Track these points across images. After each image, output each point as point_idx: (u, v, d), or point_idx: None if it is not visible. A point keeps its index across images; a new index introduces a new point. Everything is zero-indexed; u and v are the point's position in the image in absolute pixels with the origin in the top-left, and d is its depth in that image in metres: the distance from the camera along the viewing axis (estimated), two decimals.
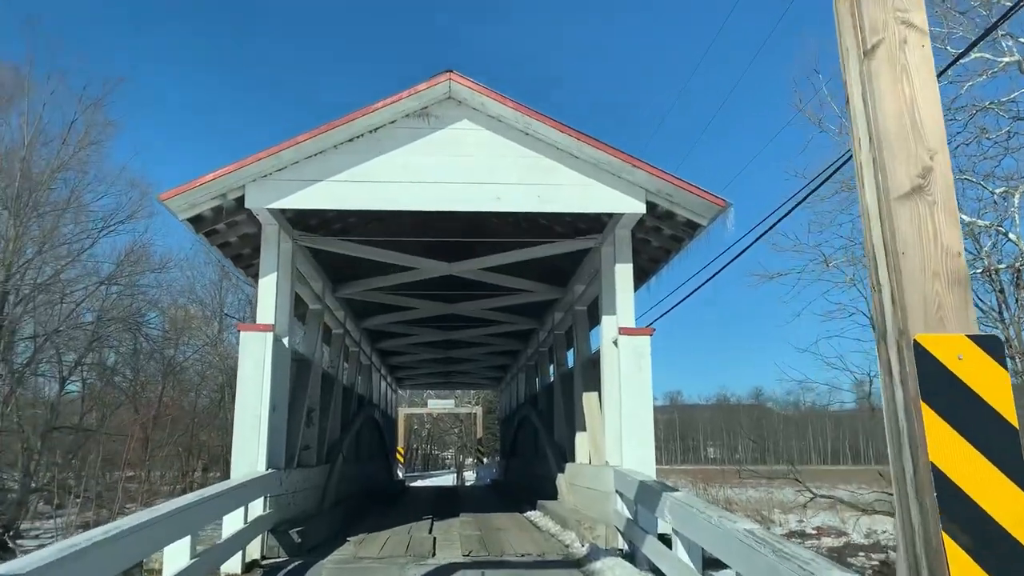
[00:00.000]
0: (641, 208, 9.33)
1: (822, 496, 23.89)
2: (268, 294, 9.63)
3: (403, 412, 41.86)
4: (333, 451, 14.45)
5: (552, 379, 16.14)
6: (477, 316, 17.26)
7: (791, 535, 25.09)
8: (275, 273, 9.68)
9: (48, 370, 29.35)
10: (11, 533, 20.95)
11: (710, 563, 6.61)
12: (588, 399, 12.08)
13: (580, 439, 12.95)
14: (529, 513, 14.58)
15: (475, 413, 44.45)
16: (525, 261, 13.94)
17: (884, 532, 24.76)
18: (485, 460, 44.03)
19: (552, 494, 15.02)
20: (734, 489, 33.30)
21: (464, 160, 9.23)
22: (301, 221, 10.88)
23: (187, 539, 6.18)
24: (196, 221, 9.43)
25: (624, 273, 9.99)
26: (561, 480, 13.76)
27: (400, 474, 35.32)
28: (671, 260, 11.13)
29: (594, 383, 12.20)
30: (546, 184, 9.26)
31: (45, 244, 26.87)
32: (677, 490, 7.28)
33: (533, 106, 9.08)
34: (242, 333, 9.46)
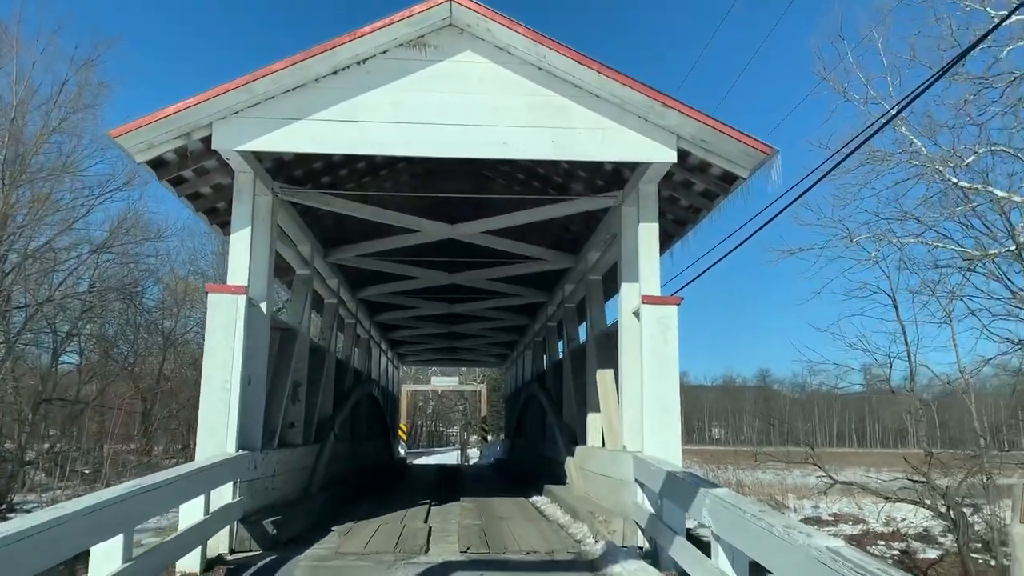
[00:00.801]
0: (671, 156, 8.05)
1: (843, 483, 22.76)
2: (241, 252, 8.43)
3: (406, 389, 40.92)
4: (323, 429, 13.34)
5: (562, 356, 14.95)
6: (482, 287, 16.04)
7: (807, 521, 23.99)
8: (249, 227, 8.46)
9: (43, 340, 28.50)
10: (2, 506, 20.16)
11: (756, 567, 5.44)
12: (602, 377, 10.89)
13: (592, 420, 11.78)
14: (535, 499, 13.47)
15: (480, 391, 43.45)
16: (535, 224, 12.69)
17: (903, 520, 23.62)
18: (489, 439, 43.11)
19: (560, 478, 13.90)
20: (741, 471, 32.27)
21: (466, 98, 7.95)
22: (283, 171, 9.65)
23: (118, 538, 5.03)
24: (158, 166, 8.21)
25: (649, 233, 8.73)
26: (570, 464, 12.62)
27: (402, 452, 34.38)
28: (700, 221, 9.86)
29: (609, 360, 11.01)
30: (561, 127, 7.98)
31: (37, 210, 25.79)
32: (717, 485, 6.09)
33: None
34: (210, 295, 8.26)
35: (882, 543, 21.54)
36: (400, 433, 35.98)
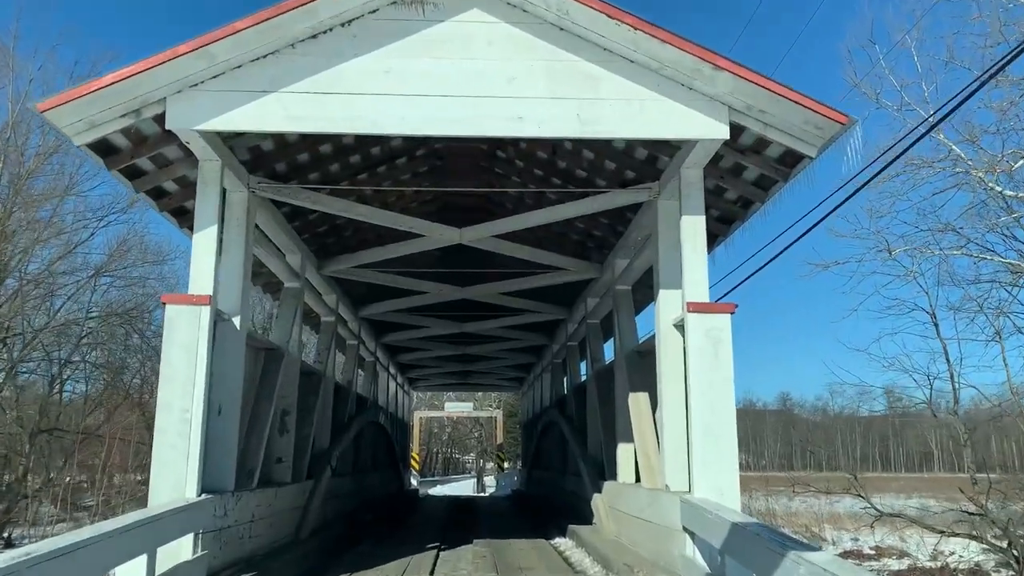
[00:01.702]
0: (722, 132, 6.62)
1: (891, 515, 20.90)
2: (205, 255, 7.05)
3: (419, 415, 39.39)
4: (319, 463, 11.87)
5: (585, 378, 13.43)
6: (495, 302, 14.61)
7: (848, 555, 22.10)
8: (215, 226, 7.08)
9: (43, 368, 27.44)
10: None
11: None
12: (636, 402, 9.39)
13: (624, 452, 10.25)
14: (558, 541, 11.89)
15: (495, 417, 41.81)
16: (554, 230, 11.31)
17: (951, 553, 21.68)
18: (506, 466, 41.37)
19: (585, 516, 12.33)
20: (771, 499, 30.44)
21: (473, 65, 6.58)
22: (262, 166, 8.31)
23: None
24: (106, 152, 6.88)
25: (694, 228, 7.27)
26: (598, 501, 11.06)
27: (414, 482, 32.76)
28: (750, 217, 8.41)
29: (643, 382, 9.51)
30: (588, 99, 6.58)
31: (36, 233, 24.77)
32: (812, 546, 4.57)
33: None
34: (167, 307, 6.86)
35: None
36: (412, 463, 34.39)
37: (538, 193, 10.42)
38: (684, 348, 7.36)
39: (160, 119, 6.49)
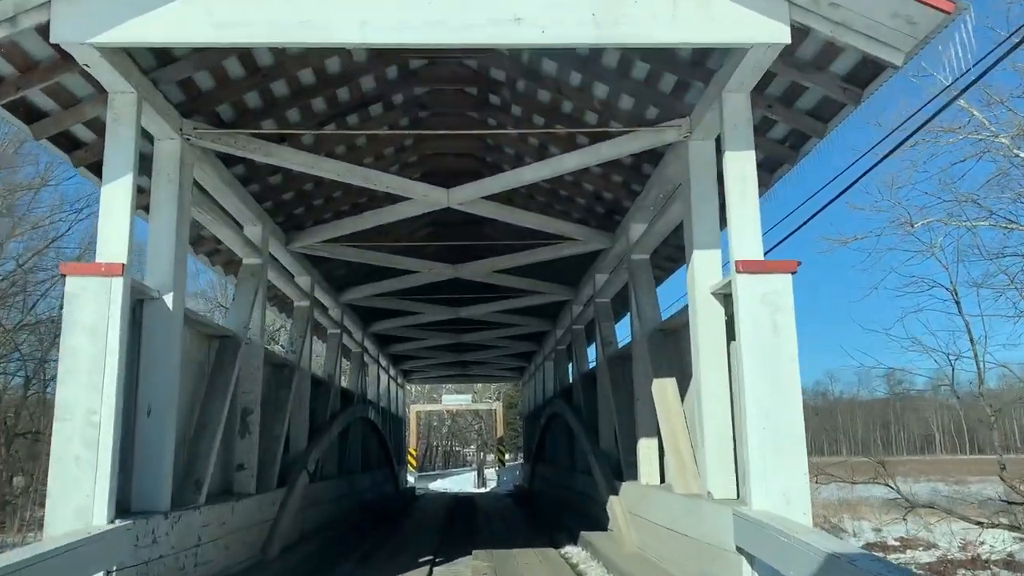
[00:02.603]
0: (782, 35, 5.06)
1: (924, 507, 19.45)
2: (117, 212, 5.48)
3: (415, 409, 37.91)
4: (294, 467, 10.36)
5: (595, 364, 11.90)
6: (491, 283, 13.08)
7: (871, 547, 20.65)
8: (130, 176, 5.52)
9: (15, 368, 25.94)
10: None
11: None
12: (661, 390, 7.86)
13: (646, 449, 8.74)
14: (568, 550, 10.41)
15: (495, 409, 40.33)
16: (559, 191, 9.76)
17: (982, 543, 20.24)
18: (507, 457, 39.93)
19: (598, 521, 10.87)
20: None
21: None
22: (201, 107, 6.73)
23: None
24: None
25: (741, 169, 5.71)
26: (614, 505, 9.57)
27: (411, 479, 31.29)
28: (802, 159, 6.88)
29: (669, 365, 8.01)
30: None
31: (10, 228, 23.19)
32: None
33: None
34: (67, 280, 5.30)
35: (965, 572, 18.25)
36: (409, 459, 32.91)
37: (539, 148, 8.87)
38: (731, 321, 5.87)
39: (45, 30, 4.93)
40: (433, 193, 8.35)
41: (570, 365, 14.95)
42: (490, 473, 43.43)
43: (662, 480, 8.66)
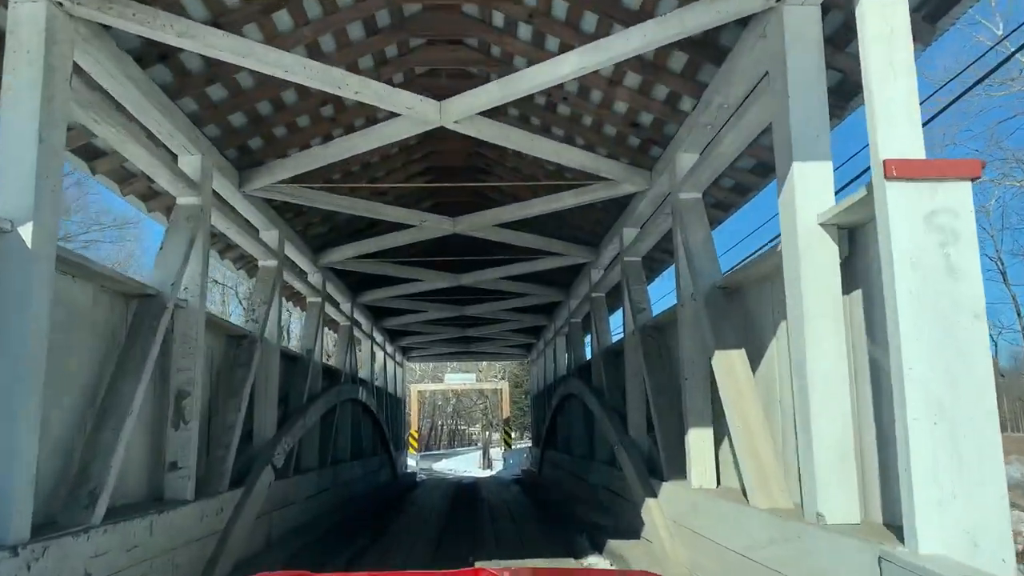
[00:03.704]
0: None
1: None
2: None
3: (416, 388, 36.13)
4: (256, 462, 8.45)
5: (625, 335, 9.88)
6: (497, 243, 11.08)
7: None
8: None
9: None
10: None
11: None
12: (726, 366, 5.85)
13: (698, 442, 6.75)
14: (592, 561, 8.46)
15: (501, 389, 38.50)
16: (582, 114, 7.74)
17: None
18: (513, 436, 38.17)
19: (622, 520, 9.07)
20: None
21: None
22: None
23: None
24: None
25: (886, 19, 3.69)
26: (652, 510, 7.63)
27: (412, 463, 29.48)
28: (938, 33, 4.83)
29: (735, 332, 6.01)
30: None
31: None
32: None
33: None
34: None
35: None
36: (410, 442, 31.11)
37: (560, 46, 6.80)
38: (851, 263, 3.92)
39: None
40: (421, 106, 6.30)
41: (589, 338, 12.93)
42: (495, 453, 41.82)
43: (717, 482, 6.71)
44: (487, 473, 33.85)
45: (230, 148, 7.58)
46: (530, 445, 28.16)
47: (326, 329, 16.96)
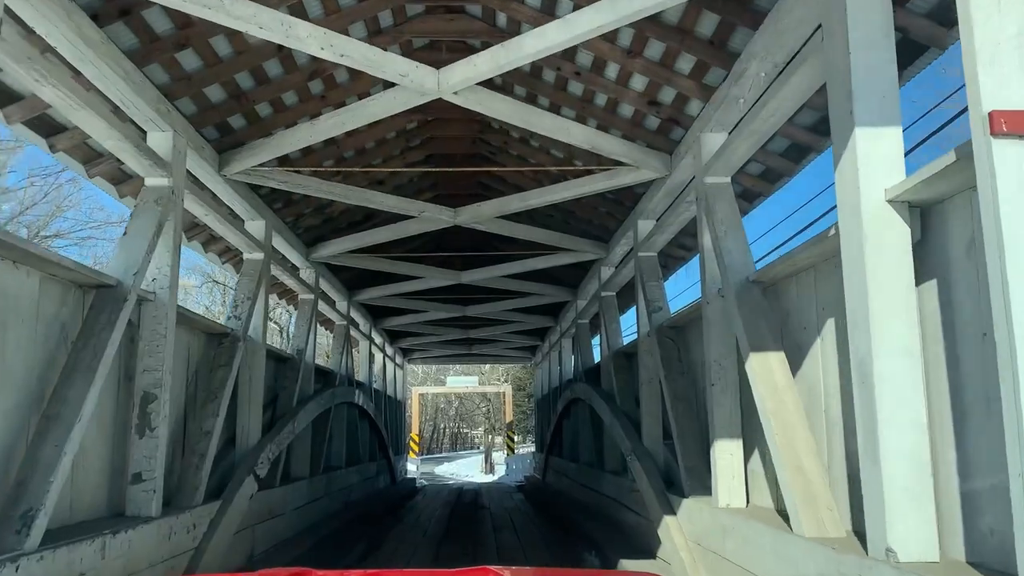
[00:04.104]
0: None
1: None
2: None
3: (417, 391, 35.44)
4: (238, 471, 7.74)
5: (639, 336, 9.15)
6: (500, 237, 10.37)
7: None
8: None
9: None
10: None
11: None
12: (763, 370, 5.12)
13: (725, 455, 6.02)
14: None
15: (504, 392, 37.80)
16: (594, 90, 7.05)
17: None
18: (516, 440, 37.44)
19: (633, 537, 8.39)
20: None
21: None
22: None
23: None
24: None
25: None
26: (671, 530, 6.90)
27: (413, 467, 28.76)
28: None
29: (771, 333, 5.29)
30: None
31: None
32: None
33: None
34: None
35: None
36: (411, 445, 30.39)
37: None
38: (923, 248, 3.18)
39: None
40: (417, 73, 5.58)
41: (596, 341, 12.18)
42: (498, 456, 41.13)
43: (746, 500, 5.99)
44: (489, 478, 33.11)
45: (208, 126, 6.88)
46: (533, 451, 27.42)
47: (324, 330, 16.33)
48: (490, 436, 59.32)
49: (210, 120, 6.80)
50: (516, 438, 40.07)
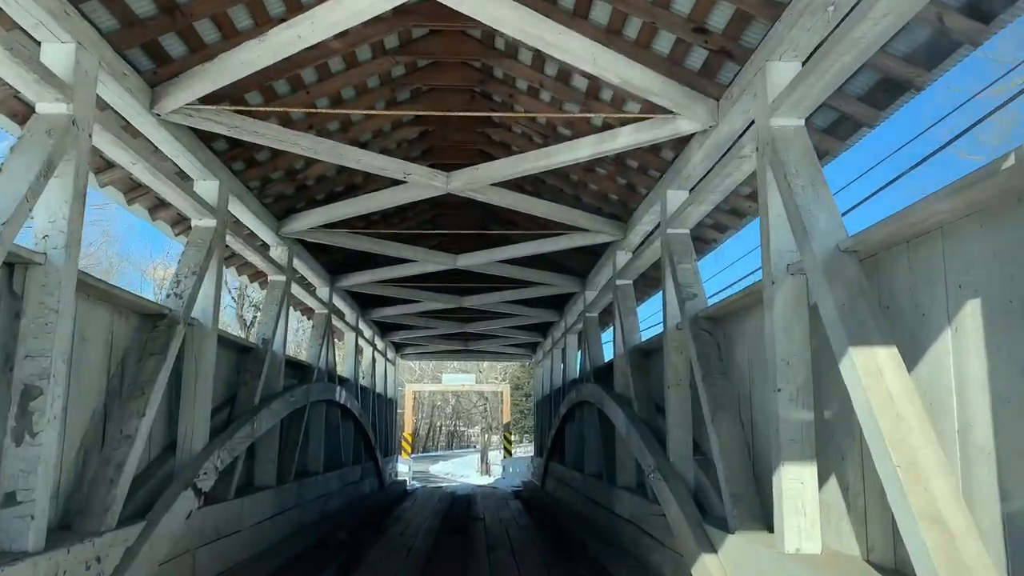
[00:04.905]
0: None
1: None
2: None
3: (411, 388, 33.98)
4: (172, 485, 6.26)
5: (665, 329, 7.62)
6: (499, 215, 8.89)
7: None
8: None
9: None
10: None
11: None
12: (865, 368, 3.64)
13: (794, 484, 4.52)
14: None
15: (501, 391, 36.33)
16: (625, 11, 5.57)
17: None
18: (513, 439, 35.97)
19: (653, 569, 6.87)
20: None
21: None
22: None
23: None
24: None
25: None
26: (712, 572, 5.43)
27: (404, 468, 27.24)
28: None
29: (874, 323, 3.80)
30: None
31: None
32: None
33: None
34: None
35: None
36: (404, 445, 28.90)
37: None
38: None
39: None
40: None
41: (619, 330, 10.68)
42: (494, 456, 39.75)
43: (821, 547, 4.51)
44: (485, 480, 31.62)
45: (133, 47, 5.39)
46: (532, 454, 25.94)
47: (306, 319, 14.86)
48: (487, 435, 57.92)
49: (135, 39, 5.31)
50: (514, 439, 38.66)
